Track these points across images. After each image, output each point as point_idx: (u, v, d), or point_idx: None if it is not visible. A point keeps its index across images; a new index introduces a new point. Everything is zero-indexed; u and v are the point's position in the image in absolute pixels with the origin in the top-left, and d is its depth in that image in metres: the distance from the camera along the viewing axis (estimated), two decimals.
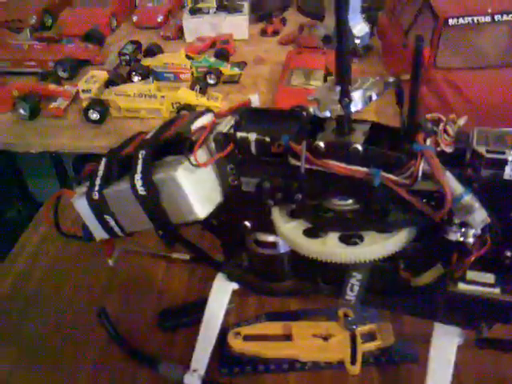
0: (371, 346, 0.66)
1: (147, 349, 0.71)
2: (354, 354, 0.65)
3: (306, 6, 1.72)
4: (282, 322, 0.70)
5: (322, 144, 0.49)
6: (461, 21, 0.99)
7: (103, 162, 0.62)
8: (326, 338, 0.67)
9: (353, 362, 0.64)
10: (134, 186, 0.55)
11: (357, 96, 0.48)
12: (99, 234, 0.62)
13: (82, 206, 0.60)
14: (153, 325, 0.74)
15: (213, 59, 1.40)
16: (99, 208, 0.59)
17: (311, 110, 0.50)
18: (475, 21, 0.99)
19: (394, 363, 0.66)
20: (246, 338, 0.69)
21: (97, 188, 0.59)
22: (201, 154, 0.55)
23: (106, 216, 0.59)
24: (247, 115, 0.56)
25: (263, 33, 1.62)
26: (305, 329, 0.68)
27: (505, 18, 0.98)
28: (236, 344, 0.68)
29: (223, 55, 1.45)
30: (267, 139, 0.52)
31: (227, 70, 1.37)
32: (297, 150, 0.50)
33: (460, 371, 0.56)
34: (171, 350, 0.71)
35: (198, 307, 0.68)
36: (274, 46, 1.55)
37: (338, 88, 0.48)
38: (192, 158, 0.53)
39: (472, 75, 0.95)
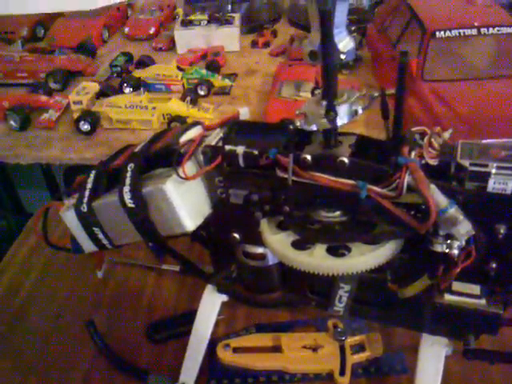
0: (360, 357, 0.66)
1: (136, 361, 0.71)
2: (343, 365, 0.65)
3: (296, 18, 1.74)
4: (271, 333, 0.70)
5: (308, 157, 0.50)
6: (448, 33, 1.00)
7: (92, 174, 0.62)
8: (315, 349, 0.67)
9: (342, 373, 0.64)
10: (122, 199, 0.55)
11: (342, 110, 0.49)
12: (88, 246, 0.62)
13: (70, 218, 0.60)
14: (142, 337, 0.74)
15: (204, 71, 1.40)
16: (88, 220, 0.59)
17: (298, 123, 0.51)
18: (462, 33, 1.00)
19: (383, 374, 0.66)
20: (236, 349, 0.69)
21: (85, 200, 0.59)
22: (189, 167, 0.55)
23: (94, 228, 0.60)
24: (236, 128, 0.57)
25: (254, 44, 1.63)
26: (294, 340, 0.68)
27: (491, 31, 0.99)
28: (225, 356, 0.68)
29: (214, 67, 1.46)
30: (255, 152, 0.52)
31: (218, 81, 1.37)
32: (284, 162, 0.50)
33: (448, 382, 0.56)
34: (161, 361, 0.71)
35: (187, 319, 0.68)
36: (264, 58, 1.57)
37: (324, 102, 0.48)
38: (180, 171, 0.53)
39: (459, 87, 0.96)
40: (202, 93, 1.35)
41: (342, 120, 0.49)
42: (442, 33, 1.00)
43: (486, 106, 0.90)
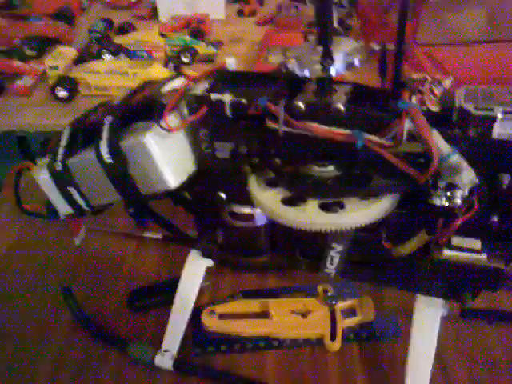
0: (351, 321, 0.64)
1: (116, 330, 0.67)
2: (333, 330, 0.62)
3: None
4: (258, 299, 0.67)
5: (301, 104, 0.46)
6: None
7: (66, 130, 0.58)
8: (304, 315, 0.64)
9: (332, 338, 0.62)
10: (99, 154, 0.51)
11: (339, 59, 0.45)
12: (63, 208, 0.58)
13: (43, 178, 0.56)
14: (122, 305, 0.70)
15: (188, 38, 1.36)
16: (62, 179, 0.55)
17: (290, 66, 0.47)
18: None
19: (375, 339, 0.64)
20: (221, 316, 0.66)
21: (59, 158, 0.55)
22: (172, 119, 0.51)
23: (69, 188, 0.56)
24: (223, 78, 0.53)
25: (240, 13, 1.59)
26: (282, 305, 0.65)
27: None
28: (210, 322, 0.65)
29: (198, 34, 1.41)
30: (243, 101, 0.49)
31: (202, 48, 1.33)
32: (275, 111, 0.47)
33: (442, 347, 0.54)
34: (142, 330, 0.67)
35: (170, 286, 0.64)
36: (251, 27, 1.53)
37: (320, 48, 0.45)
38: (162, 122, 0.50)
39: (453, 51, 0.94)
40: (185, 60, 1.30)
41: (337, 70, 0.46)
42: None
43: (479, 69, 0.88)
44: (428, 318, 0.53)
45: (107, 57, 1.28)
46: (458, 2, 0.99)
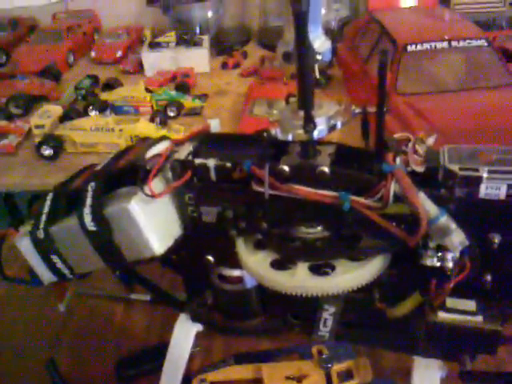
0: None
1: None
2: None
3: (266, 39, 1.74)
4: (251, 364, 0.64)
5: (286, 167, 0.46)
6: (419, 47, 1.00)
7: (49, 197, 0.57)
8: (299, 380, 0.62)
9: None
10: (82, 221, 0.50)
11: (321, 122, 0.46)
12: (46, 276, 0.57)
13: (25, 245, 0.55)
14: (110, 375, 0.67)
15: (173, 92, 1.37)
16: (45, 248, 0.54)
17: (273, 131, 0.47)
18: (433, 47, 1.00)
19: None
20: None
21: (42, 226, 0.54)
22: (157, 184, 0.51)
23: (52, 256, 0.54)
24: (206, 141, 0.53)
25: (224, 66, 1.61)
26: (276, 370, 0.63)
27: (461, 44, 1.00)
28: None
29: (184, 88, 1.42)
30: (228, 164, 0.48)
31: (188, 102, 1.34)
32: (260, 174, 0.46)
33: None
34: None
35: (159, 353, 0.62)
36: (235, 79, 1.55)
37: (301, 113, 0.45)
38: (146, 188, 0.49)
39: (433, 100, 0.95)
40: (171, 114, 1.30)
41: (319, 133, 0.46)
42: (414, 46, 1.00)
43: (460, 118, 0.89)
44: (427, 380, 0.52)
45: (93, 113, 1.28)
46: (437, 50, 1.02)
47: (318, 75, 0.48)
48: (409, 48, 1.00)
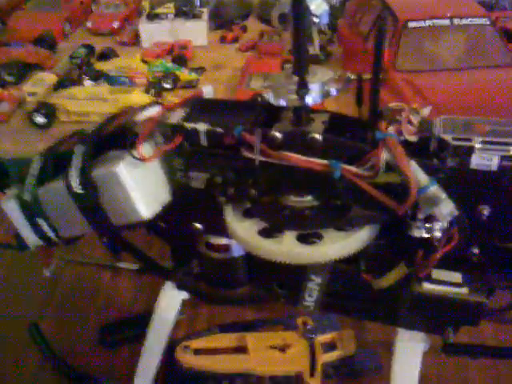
0: (331, 355, 0.61)
1: (87, 367, 0.64)
2: (313, 365, 0.60)
3: (266, 14, 1.71)
4: (236, 333, 0.64)
5: (278, 134, 0.45)
6: (421, 24, 0.99)
7: (36, 159, 0.56)
8: (283, 349, 0.61)
9: (312, 374, 0.59)
10: (69, 184, 0.49)
11: (315, 88, 0.44)
12: (32, 240, 0.56)
13: (11, 208, 0.54)
14: (94, 341, 0.67)
15: (170, 64, 1.35)
16: (31, 210, 0.53)
17: (266, 96, 0.46)
18: (434, 24, 0.99)
19: (356, 373, 0.61)
20: (197, 351, 0.63)
21: (28, 188, 0.53)
22: (146, 149, 0.49)
23: (38, 219, 0.54)
24: (199, 107, 0.52)
25: (223, 40, 1.59)
26: (260, 340, 0.63)
27: (463, 21, 0.98)
28: (185, 359, 0.62)
29: (181, 60, 1.41)
30: (219, 130, 0.47)
31: (184, 74, 1.32)
32: (251, 140, 0.45)
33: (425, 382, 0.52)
34: (113, 367, 0.64)
35: (143, 320, 0.62)
36: (233, 53, 1.53)
37: (296, 77, 0.44)
38: (135, 152, 0.48)
39: (432, 77, 0.94)
40: (167, 86, 1.29)
41: (313, 99, 0.45)
42: (415, 23, 0.99)
43: (457, 96, 0.88)
44: (409, 352, 0.52)
45: (88, 83, 1.27)
46: (438, 28, 1.01)
47: (317, 49, 0.47)
48: (410, 24, 0.98)
